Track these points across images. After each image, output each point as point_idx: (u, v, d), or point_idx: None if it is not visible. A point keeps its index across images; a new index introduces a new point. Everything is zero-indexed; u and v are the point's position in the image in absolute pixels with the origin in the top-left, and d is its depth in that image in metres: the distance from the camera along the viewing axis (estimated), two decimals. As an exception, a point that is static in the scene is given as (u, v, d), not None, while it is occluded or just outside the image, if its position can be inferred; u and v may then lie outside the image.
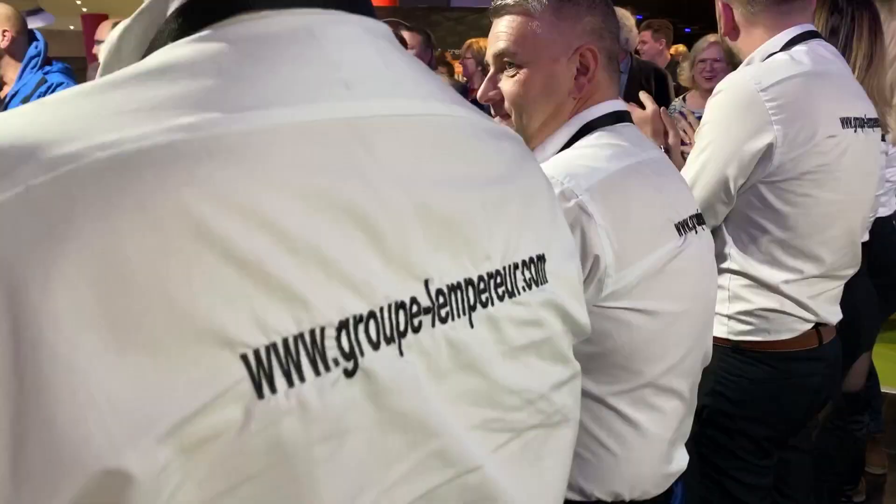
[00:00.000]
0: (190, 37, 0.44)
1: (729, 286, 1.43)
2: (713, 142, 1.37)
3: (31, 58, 2.65)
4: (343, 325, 0.40)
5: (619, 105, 1.08)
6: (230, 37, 0.43)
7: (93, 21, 8.62)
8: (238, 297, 0.36)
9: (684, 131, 1.66)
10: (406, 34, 3.88)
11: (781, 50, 1.39)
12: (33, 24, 2.79)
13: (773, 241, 1.37)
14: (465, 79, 4.74)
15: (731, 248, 1.41)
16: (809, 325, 1.44)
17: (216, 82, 0.40)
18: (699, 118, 1.49)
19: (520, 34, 1.04)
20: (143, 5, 0.48)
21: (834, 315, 1.48)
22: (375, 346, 0.41)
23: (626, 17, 3.74)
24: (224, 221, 0.36)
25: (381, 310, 0.42)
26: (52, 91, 2.46)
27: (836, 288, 1.48)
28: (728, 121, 1.35)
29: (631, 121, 1.10)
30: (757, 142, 1.31)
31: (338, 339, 0.39)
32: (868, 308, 2.03)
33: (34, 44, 2.68)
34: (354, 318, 0.40)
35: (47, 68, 2.68)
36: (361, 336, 0.40)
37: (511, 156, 0.54)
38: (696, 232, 1.06)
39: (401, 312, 0.43)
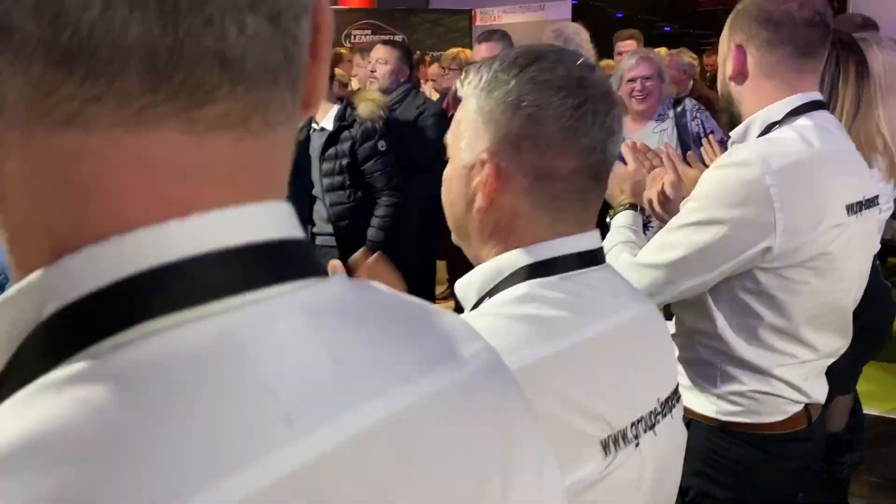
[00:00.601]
0: (56, 374, 0.31)
1: (719, 366, 1.37)
2: (707, 226, 1.28)
3: None
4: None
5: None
6: (121, 372, 0.31)
7: None
8: None
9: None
10: (382, 49, 3.74)
11: (784, 119, 1.32)
12: None
13: (768, 327, 1.30)
14: (438, 94, 4.61)
15: (721, 330, 1.33)
16: (800, 406, 1.39)
17: (92, 477, 0.29)
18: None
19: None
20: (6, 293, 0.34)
21: (823, 393, 1.44)
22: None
23: (577, 31, 3.23)
24: None
25: None
26: None
27: (827, 364, 1.44)
28: (729, 206, 1.26)
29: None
30: (758, 236, 1.24)
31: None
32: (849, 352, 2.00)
33: None
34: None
35: None
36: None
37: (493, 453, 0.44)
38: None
39: None
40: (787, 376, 1.34)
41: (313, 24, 0.39)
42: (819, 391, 1.42)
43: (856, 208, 1.31)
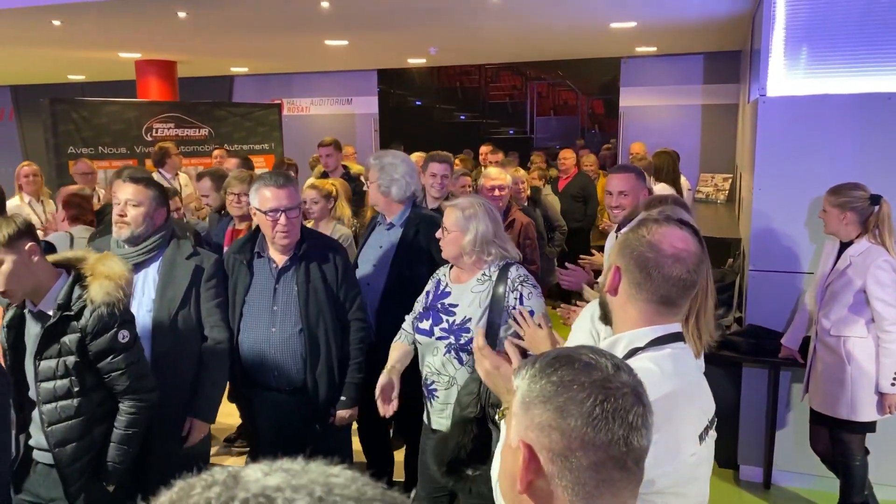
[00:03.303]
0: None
1: None
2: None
3: None
4: None
5: None
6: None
7: None
8: None
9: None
10: (131, 188, 2.78)
11: (646, 346, 1.42)
12: None
13: None
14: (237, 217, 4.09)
15: None
16: None
17: None
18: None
19: None
20: None
21: None
22: None
23: (394, 164, 3.38)
24: None
25: None
26: None
27: None
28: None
29: None
30: None
31: None
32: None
33: None
34: None
35: None
36: None
37: None
38: None
39: None
40: None
41: None
42: None
43: (703, 434, 1.41)
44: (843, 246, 3.44)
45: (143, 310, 2.75)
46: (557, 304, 2.91)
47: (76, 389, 2.32)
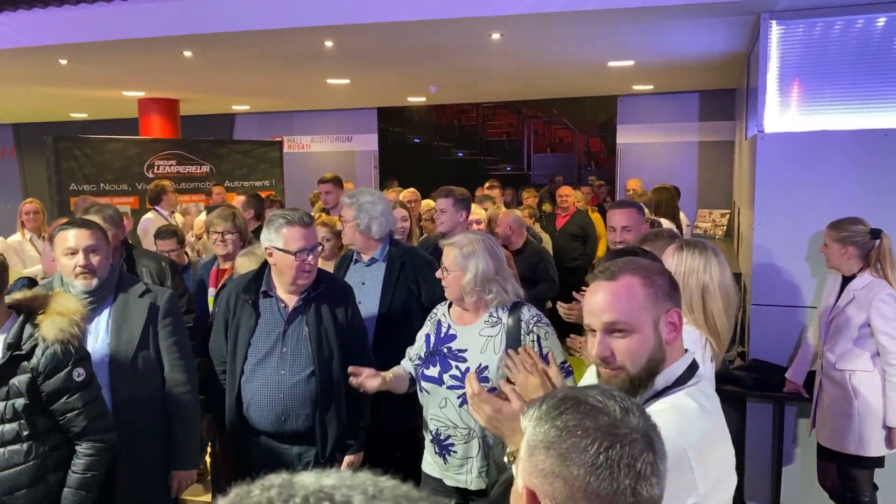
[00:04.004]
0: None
1: None
2: None
3: None
4: None
5: None
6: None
7: None
8: None
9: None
10: (86, 233, 2.58)
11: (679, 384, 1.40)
12: None
13: None
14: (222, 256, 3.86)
15: None
16: None
17: None
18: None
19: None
20: None
21: None
22: None
23: (374, 202, 3.36)
24: None
25: None
26: None
27: None
28: None
29: None
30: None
31: None
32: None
33: None
34: None
35: None
36: None
37: None
38: None
39: None
40: None
41: None
42: None
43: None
44: (846, 280, 3.46)
45: (98, 355, 2.56)
46: (566, 336, 2.82)
47: (26, 433, 2.18)
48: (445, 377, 2.52)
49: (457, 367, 2.51)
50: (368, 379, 2.57)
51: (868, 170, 3.88)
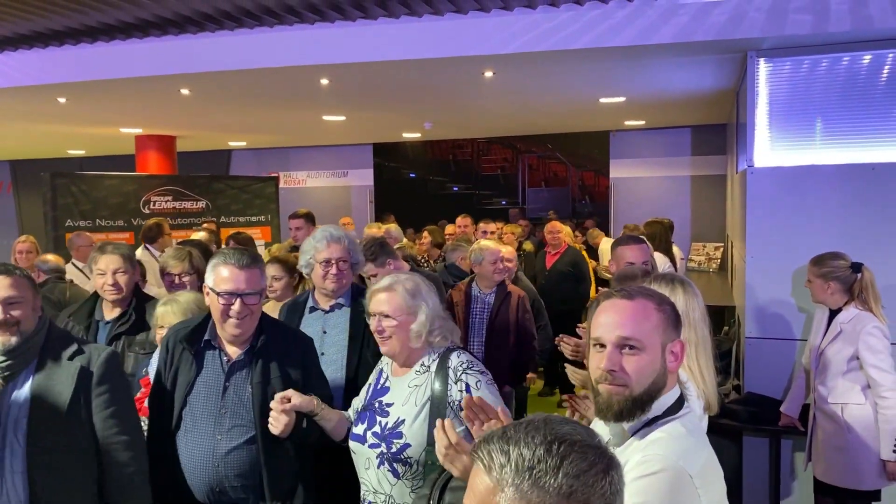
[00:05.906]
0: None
1: None
2: None
3: None
4: None
5: None
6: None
7: None
8: None
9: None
10: (8, 281, 2.15)
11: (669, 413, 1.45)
12: None
13: None
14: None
15: None
16: None
17: None
18: None
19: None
20: None
21: None
22: None
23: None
24: None
25: None
26: None
27: None
28: None
29: None
30: None
31: None
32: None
33: None
34: None
35: None
36: None
37: None
38: None
39: None
40: None
41: None
42: None
43: None
44: (833, 313, 3.48)
45: (15, 444, 2.08)
46: (562, 399, 2.44)
47: None
48: (368, 434, 2.22)
49: (379, 423, 2.21)
50: (295, 397, 2.21)
51: (856, 204, 3.93)
